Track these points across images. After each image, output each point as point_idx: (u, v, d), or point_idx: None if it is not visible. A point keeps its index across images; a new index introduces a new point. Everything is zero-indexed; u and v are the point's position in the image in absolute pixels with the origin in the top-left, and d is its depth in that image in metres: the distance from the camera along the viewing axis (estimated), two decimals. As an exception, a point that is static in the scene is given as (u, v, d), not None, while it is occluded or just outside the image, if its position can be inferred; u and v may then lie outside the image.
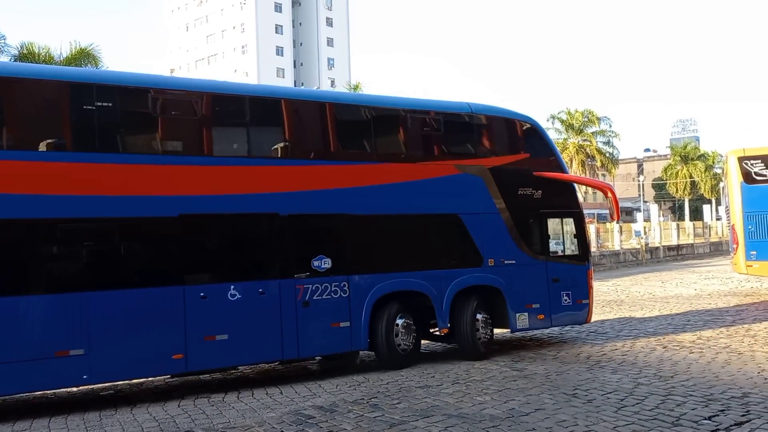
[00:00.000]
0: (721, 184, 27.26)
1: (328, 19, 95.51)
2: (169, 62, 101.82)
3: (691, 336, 11.54)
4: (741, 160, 18.76)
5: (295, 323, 8.94)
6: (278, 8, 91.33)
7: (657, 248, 40.44)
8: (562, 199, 11.63)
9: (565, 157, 50.99)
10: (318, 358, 10.32)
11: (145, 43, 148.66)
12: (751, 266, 18.63)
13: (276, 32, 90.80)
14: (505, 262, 10.70)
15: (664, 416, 6.68)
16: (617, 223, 30.26)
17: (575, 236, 11.62)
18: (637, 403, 7.20)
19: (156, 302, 8.21)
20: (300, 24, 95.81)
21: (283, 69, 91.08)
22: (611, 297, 18.93)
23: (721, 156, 41.67)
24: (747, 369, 8.75)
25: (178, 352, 8.20)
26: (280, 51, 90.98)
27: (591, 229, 21.83)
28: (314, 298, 9.08)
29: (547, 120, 52.70)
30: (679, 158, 71.80)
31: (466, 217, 10.43)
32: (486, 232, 10.56)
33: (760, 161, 18.58)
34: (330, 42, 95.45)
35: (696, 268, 30.15)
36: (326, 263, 9.23)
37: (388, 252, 9.86)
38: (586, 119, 52.05)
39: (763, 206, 18.27)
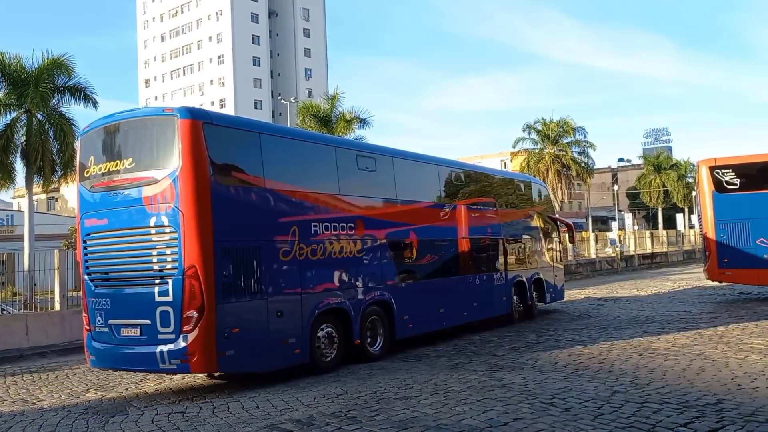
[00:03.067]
0: (694, 193, 27.73)
1: (305, 29, 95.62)
2: (145, 73, 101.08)
3: (666, 343, 11.67)
4: (712, 169, 19.10)
5: (476, 299, 14.72)
6: (255, 19, 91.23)
7: (632, 256, 40.96)
8: (557, 230, 19.42)
9: (541, 167, 51.56)
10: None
11: (120, 53, 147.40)
12: (724, 274, 18.94)
13: (253, 42, 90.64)
14: (544, 266, 18.06)
15: (640, 424, 6.73)
16: (574, 246, 31.55)
17: (560, 251, 19.68)
18: (614, 411, 7.24)
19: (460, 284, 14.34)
20: (277, 35, 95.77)
21: (260, 79, 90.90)
22: (584, 309, 19.07)
23: (693, 165, 42.44)
24: (721, 376, 8.85)
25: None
26: (257, 61, 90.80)
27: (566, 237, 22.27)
28: (496, 284, 15.59)
29: (524, 130, 53.13)
30: (652, 168, 72.86)
31: (533, 239, 17.81)
32: (535, 249, 17.79)
33: (730, 170, 18.93)
34: (307, 52, 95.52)
35: (670, 276, 30.57)
36: (499, 264, 15.80)
37: (520, 258, 17.00)
38: (561, 129, 52.50)
39: (735, 215, 18.60)
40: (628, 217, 60.08)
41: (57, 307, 15.87)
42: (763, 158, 19.42)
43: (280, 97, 61.74)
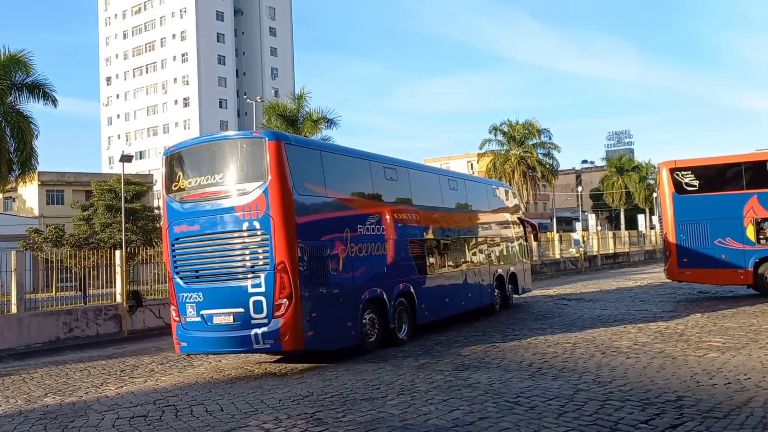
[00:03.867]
0: (655, 195, 28.31)
1: (271, 28, 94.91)
2: (106, 71, 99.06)
3: (628, 342, 11.87)
4: (672, 171, 19.53)
5: (470, 291, 16.65)
6: (220, 17, 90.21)
7: (595, 256, 41.66)
8: (525, 230, 21.12)
9: (507, 168, 52.09)
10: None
11: (81, 51, 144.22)
12: (684, 273, 19.38)
13: (218, 41, 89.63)
14: (515, 263, 19.97)
15: (603, 421, 6.83)
16: (539, 246, 32.87)
17: (528, 248, 21.77)
18: (577, 409, 7.33)
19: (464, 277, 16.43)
20: (243, 33, 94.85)
21: (225, 78, 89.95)
22: (549, 308, 19.32)
23: (655, 167, 43.38)
24: (680, 373, 9.04)
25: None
26: (222, 60, 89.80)
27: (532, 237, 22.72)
28: (484, 278, 17.55)
29: (490, 132, 53.60)
30: (615, 169, 74.31)
31: (510, 237, 19.85)
32: (510, 247, 19.80)
33: (690, 172, 19.39)
34: (273, 51, 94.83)
35: (632, 276, 31.18)
36: (486, 260, 17.95)
37: (500, 255, 18.97)
38: (527, 131, 53.11)
39: (694, 216, 19.06)
40: (592, 218, 61.18)
41: (14, 309, 15.46)
42: (722, 160, 19.95)
43: (245, 96, 61.18)
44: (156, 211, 48.25)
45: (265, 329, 10.25)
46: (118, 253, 17.80)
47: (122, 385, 10.38)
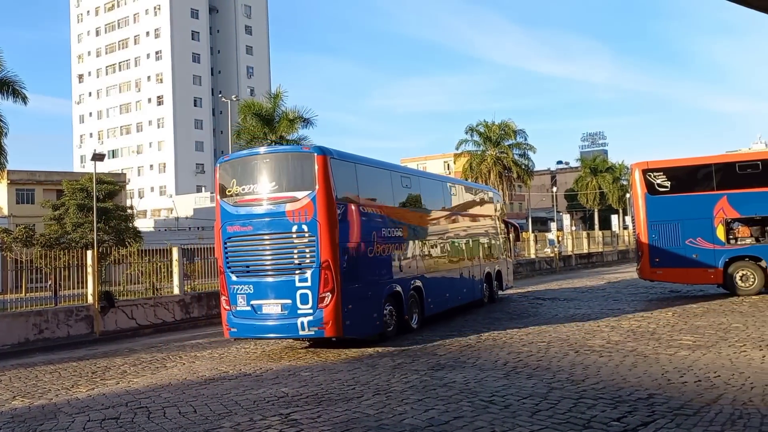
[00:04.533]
0: (628, 195, 28.70)
1: (247, 27, 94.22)
2: (78, 68, 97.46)
3: (601, 340, 12.01)
4: (645, 172, 19.81)
5: (465, 286, 18.33)
6: (195, 14, 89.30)
7: (569, 256, 42.08)
8: (507, 230, 22.77)
9: (483, 169, 52.40)
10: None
11: (52, 48, 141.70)
12: (656, 273, 19.68)
13: (192, 39, 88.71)
14: (500, 261, 21.54)
15: (576, 419, 6.89)
16: (514, 247, 33.98)
17: (511, 248, 23.54)
18: (551, 407, 7.40)
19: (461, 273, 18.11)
20: (218, 31, 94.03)
21: (200, 77, 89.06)
22: (524, 308, 19.46)
23: (628, 168, 43.99)
24: (652, 371, 9.17)
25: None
26: (196, 58, 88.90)
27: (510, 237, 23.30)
28: (476, 274, 19.20)
29: (466, 132, 53.91)
30: (589, 170, 75.13)
31: (495, 236, 21.38)
32: (497, 246, 21.28)
33: (662, 173, 19.69)
34: (249, 50, 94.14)
35: (606, 275, 31.57)
36: (478, 259, 19.52)
37: (488, 254, 20.55)
38: (503, 132, 53.50)
39: (666, 216, 19.35)
40: (566, 218, 61.84)
41: (-19, 311, 15.10)
42: (693, 162, 20.29)
43: (220, 95, 60.57)
44: (129, 211, 47.65)
45: (310, 318, 11.75)
46: (89, 253, 17.52)
47: (93, 387, 10.22)
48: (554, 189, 79.91)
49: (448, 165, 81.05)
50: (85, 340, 16.43)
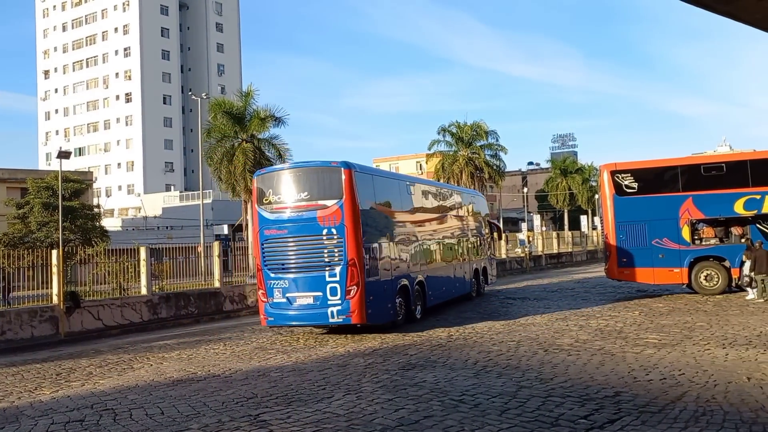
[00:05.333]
0: (597, 196, 29.13)
1: (217, 24, 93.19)
2: (44, 64, 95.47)
3: (570, 339, 12.16)
4: (613, 173, 20.13)
5: (458, 281, 20.30)
6: (164, 11, 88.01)
7: (540, 256, 42.54)
8: (491, 230, 24.78)
9: (455, 169, 52.61)
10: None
11: (17, 42, 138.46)
12: (623, 272, 20.01)
13: (162, 35, 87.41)
14: (486, 259, 23.55)
15: (544, 417, 6.96)
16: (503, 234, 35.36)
17: (494, 247, 25.89)
18: (520, 406, 7.46)
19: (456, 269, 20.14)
20: (188, 28, 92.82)
21: (170, 74, 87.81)
22: (494, 307, 19.61)
23: (597, 169, 44.62)
24: (619, 369, 9.31)
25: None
26: (166, 55, 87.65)
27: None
28: (467, 270, 21.22)
29: (438, 133, 54.06)
30: (559, 171, 75.95)
31: (482, 236, 23.31)
32: (483, 244, 23.22)
33: (630, 175, 20.02)
34: (220, 48, 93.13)
35: (574, 275, 31.99)
36: (469, 256, 21.64)
37: (477, 251, 22.50)
38: (474, 133, 53.79)
39: (633, 217, 19.68)
40: (537, 219, 62.45)
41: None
42: (659, 164, 20.68)
43: (190, 93, 59.75)
44: (95, 210, 46.83)
45: (339, 308, 13.59)
46: (54, 252, 17.15)
47: (58, 390, 10.01)
48: (525, 190, 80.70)
49: (421, 165, 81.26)
50: (49, 341, 16.09)
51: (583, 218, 66.18)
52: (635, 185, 19.92)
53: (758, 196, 18.68)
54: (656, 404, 7.32)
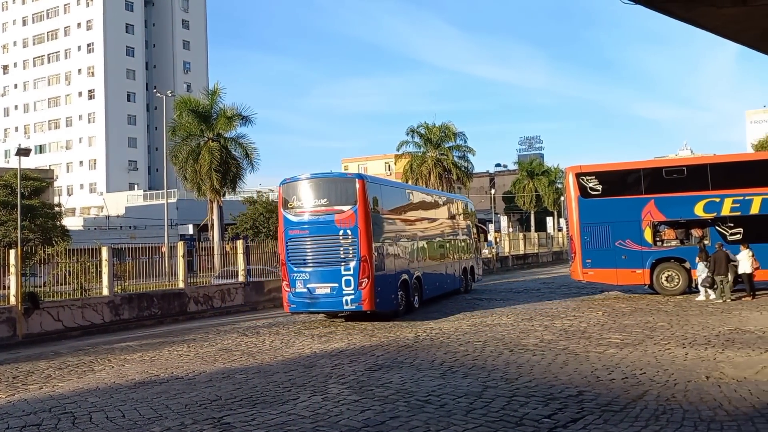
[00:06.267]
0: (562, 198, 29.56)
1: (184, 21, 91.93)
2: (3, 59, 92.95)
3: (535, 339, 12.29)
4: (578, 176, 20.43)
5: (450, 277, 22.64)
6: (129, 7, 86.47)
7: (506, 257, 42.96)
8: (478, 232, 27.14)
9: (424, 170, 52.83)
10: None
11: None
12: (587, 273, 20.32)
13: (127, 31, 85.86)
14: (474, 258, 25.87)
15: (509, 417, 7.01)
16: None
17: (477, 245, 27.30)
18: (485, 406, 7.50)
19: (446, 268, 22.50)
20: (153, 24, 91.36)
21: (134, 71, 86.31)
22: (461, 307, 19.72)
23: (563, 172, 45.28)
24: (582, 369, 9.43)
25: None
26: (130, 51, 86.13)
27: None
28: (458, 268, 23.50)
29: (407, 134, 54.28)
30: (526, 173, 76.87)
31: (470, 237, 25.66)
32: (471, 245, 25.64)
33: (594, 177, 20.35)
34: (186, 45, 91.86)
35: (540, 276, 32.38)
36: (459, 255, 23.87)
37: (466, 251, 24.83)
38: (443, 134, 54.13)
39: (597, 218, 20.01)
40: (504, 220, 63.07)
41: None
42: (623, 166, 21.07)
43: (155, 90, 58.73)
44: (56, 208, 45.76)
45: (352, 297, 15.87)
46: (12, 252, 16.69)
47: (14, 393, 9.72)
48: (492, 191, 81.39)
49: (389, 166, 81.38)
50: (6, 343, 15.64)
51: (549, 220, 67.09)
52: (599, 187, 20.25)
53: (717, 199, 19.17)
54: (618, 403, 7.43)
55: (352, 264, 15.85)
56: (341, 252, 16.09)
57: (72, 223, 59.55)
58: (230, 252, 25.42)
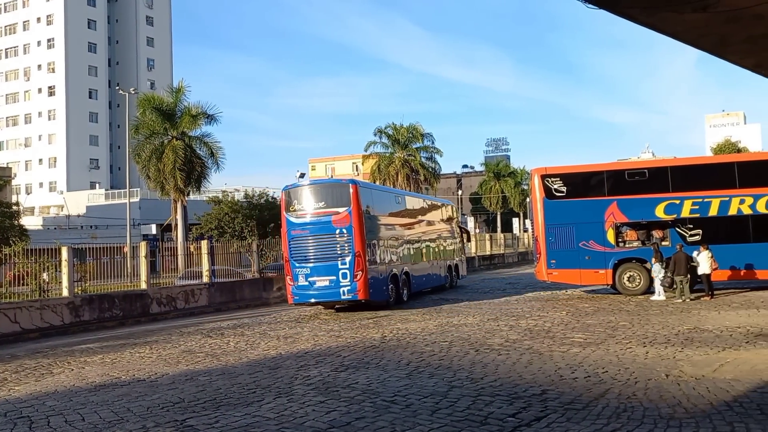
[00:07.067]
0: (528, 199, 29.91)
1: (148, 17, 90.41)
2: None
3: (500, 339, 12.39)
4: (543, 177, 20.69)
5: (436, 274, 25.02)
6: (91, 2, 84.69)
7: (473, 258, 43.21)
8: (462, 232, 29.46)
9: (391, 171, 52.92)
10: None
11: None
12: (552, 274, 20.58)
13: (89, 27, 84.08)
14: (458, 257, 28.04)
15: (474, 416, 7.05)
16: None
17: (462, 247, 29.37)
18: (451, 405, 7.52)
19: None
20: (117, 21, 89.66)
21: (96, 67, 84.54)
22: (426, 309, 19.80)
23: (528, 173, 45.86)
24: (546, 368, 9.54)
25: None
26: (92, 48, 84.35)
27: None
28: (444, 266, 26.15)
29: (375, 134, 54.36)
30: (493, 175, 77.60)
31: (454, 238, 27.74)
32: (455, 245, 27.53)
33: (559, 179, 20.62)
34: (150, 42, 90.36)
35: (506, 275, 32.67)
36: (445, 255, 26.46)
37: (451, 251, 27.29)
38: (411, 135, 54.32)
39: (562, 220, 20.29)
40: (470, 221, 63.62)
41: None
42: (587, 168, 21.42)
43: (118, 88, 57.60)
44: (14, 207, 44.53)
45: (348, 288, 17.96)
46: (-33, 252, 16.18)
47: (-33, 398, 9.42)
48: (460, 192, 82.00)
49: (357, 166, 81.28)
50: (-40, 346, 15.15)
51: (515, 221, 67.82)
52: (564, 189, 20.53)
53: (677, 201, 19.60)
54: (581, 401, 7.53)
55: (348, 259, 17.91)
56: (338, 248, 18.12)
57: (31, 222, 58.05)
58: (194, 252, 25.08)
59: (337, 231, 18.04)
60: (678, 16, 7.49)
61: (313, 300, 18.53)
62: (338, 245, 18.08)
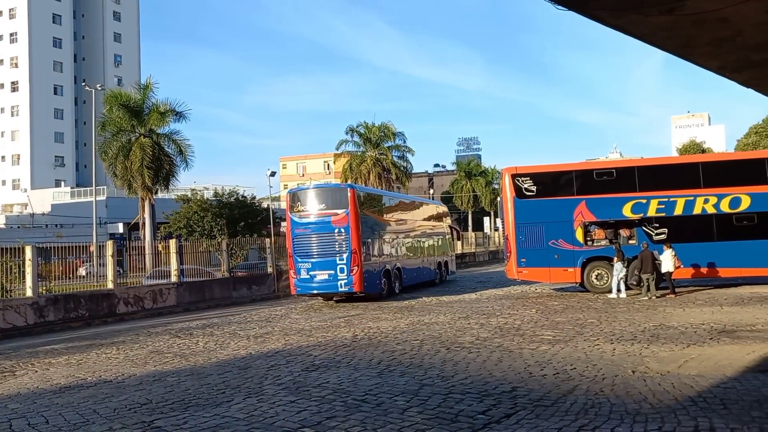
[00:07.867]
0: (499, 198, 30.16)
1: (115, 12, 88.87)
2: None
3: (471, 337, 12.46)
4: (514, 177, 20.86)
5: (427, 270, 27.38)
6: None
7: (443, 257, 43.36)
8: (451, 232, 31.49)
9: (363, 170, 52.82)
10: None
11: None
12: (522, 272, 20.78)
13: (54, 22, 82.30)
14: (448, 255, 30.47)
15: (444, 414, 7.07)
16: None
17: (452, 245, 31.97)
18: (421, 404, 7.54)
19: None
20: (83, 15, 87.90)
21: (61, 63, 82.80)
22: (397, 308, 19.82)
23: (499, 173, 46.24)
24: (516, 365, 9.62)
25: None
26: (57, 43, 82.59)
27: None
28: (434, 263, 28.32)
29: (347, 133, 54.22)
30: (464, 174, 78.03)
31: (444, 237, 30.22)
32: (445, 243, 30.03)
33: (529, 178, 20.82)
34: (117, 37, 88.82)
35: (475, 274, 32.87)
36: (435, 252, 28.80)
37: (440, 249, 29.48)
38: (382, 134, 54.31)
39: (532, 219, 20.49)
40: (441, 220, 63.75)
41: None
42: (556, 168, 21.65)
43: (84, 84, 56.38)
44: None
45: (345, 281, 20.10)
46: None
47: (-75, 401, 9.14)
48: (431, 191, 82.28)
49: (328, 165, 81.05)
50: None
51: (486, 220, 68.30)
52: (534, 188, 20.73)
53: (644, 201, 19.94)
54: (549, 398, 7.61)
55: (345, 255, 20.01)
56: (336, 246, 20.19)
57: (-7, 221, 56.57)
58: (163, 251, 24.72)
59: (336, 230, 20.13)
60: (645, 19, 7.58)
61: (314, 291, 20.80)
62: (337, 243, 20.12)
